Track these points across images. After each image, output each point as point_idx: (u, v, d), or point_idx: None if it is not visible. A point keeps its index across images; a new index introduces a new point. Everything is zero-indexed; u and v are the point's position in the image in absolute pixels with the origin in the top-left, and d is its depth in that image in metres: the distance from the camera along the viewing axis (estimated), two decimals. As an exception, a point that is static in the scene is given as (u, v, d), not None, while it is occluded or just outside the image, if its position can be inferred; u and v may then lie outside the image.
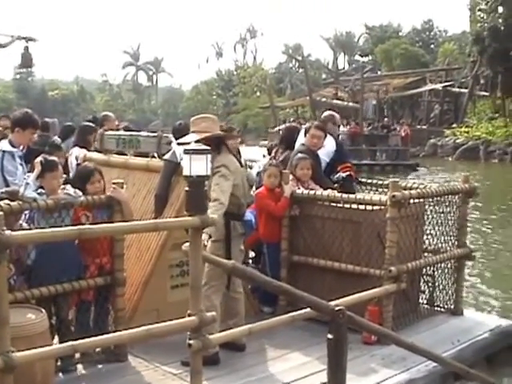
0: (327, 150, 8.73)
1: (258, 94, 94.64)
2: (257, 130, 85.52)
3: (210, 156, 4.69)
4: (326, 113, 9.82)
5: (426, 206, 7.93)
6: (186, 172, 4.67)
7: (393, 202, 6.85)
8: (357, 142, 42.33)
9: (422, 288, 8.31)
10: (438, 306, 8.35)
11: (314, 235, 7.74)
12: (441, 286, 8.31)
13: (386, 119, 53.09)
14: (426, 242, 8.12)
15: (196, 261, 4.70)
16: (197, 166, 4.57)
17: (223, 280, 6.59)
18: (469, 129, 54.71)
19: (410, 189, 7.84)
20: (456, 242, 8.23)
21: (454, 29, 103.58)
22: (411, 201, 7.24)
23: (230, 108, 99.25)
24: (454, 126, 57.57)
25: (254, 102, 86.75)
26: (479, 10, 63.55)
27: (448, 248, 8.16)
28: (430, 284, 8.31)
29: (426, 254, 8.11)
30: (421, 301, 8.30)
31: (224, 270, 5.77)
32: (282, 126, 42.38)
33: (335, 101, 52.12)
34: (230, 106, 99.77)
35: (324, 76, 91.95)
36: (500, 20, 57.66)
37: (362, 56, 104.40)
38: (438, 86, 61.59)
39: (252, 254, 8.98)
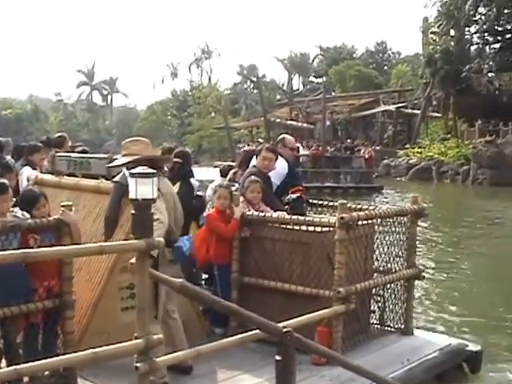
0: (278, 172, 8.78)
1: (213, 114, 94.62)
2: (211, 150, 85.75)
3: (156, 179, 4.70)
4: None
5: (377, 227, 8.02)
6: (131, 195, 4.68)
7: (341, 224, 6.91)
8: (319, 164, 41.88)
9: (373, 308, 8.36)
10: (388, 325, 8.39)
11: (264, 257, 7.77)
12: (391, 306, 8.36)
13: (348, 140, 52.32)
14: (376, 262, 8.19)
15: (143, 283, 4.70)
16: (143, 189, 4.58)
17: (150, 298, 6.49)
18: (421, 149, 55.47)
19: (359, 210, 7.91)
20: (405, 263, 8.30)
21: (407, 51, 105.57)
22: (360, 222, 7.30)
23: (184, 128, 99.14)
24: (407, 146, 58.34)
25: (209, 123, 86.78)
26: (431, 32, 64.73)
27: (398, 268, 8.22)
28: (380, 304, 8.35)
29: (376, 275, 8.16)
30: (371, 321, 8.33)
31: (173, 289, 5.74)
32: (247, 148, 42.47)
33: (289, 121, 52.51)
34: (185, 126, 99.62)
35: (278, 97, 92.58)
36: (452, 43, 58.81)
37: (316, 77, 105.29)
38: (392, 108, 62.38)
39: (204, 275, 8.98)
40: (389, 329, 8.38)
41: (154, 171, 4.91)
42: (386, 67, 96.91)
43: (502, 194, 38.96)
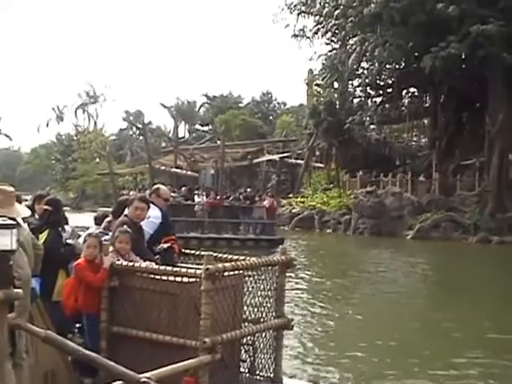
0: (151, 221, 8.86)
1: (98, 160, 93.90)
2: (95, 196, 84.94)
3: (15, 231, 4.70)
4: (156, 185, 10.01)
5: (246, 277, 8.14)
6: (-11, 246, 4.67)
7: (207, 275, 6.99)
8: (215, 214, 39.66)
9: (243, 357, 8.45)
10: (258, 374, 8.44)
11: (133, 306, 7.76)
12: (261, 355, 8.45)
13: (248, 189, 50.67)
14: (248, 312, 8.29)
15: (0, 335, 4.68)
16: (1, 240, 4.58)
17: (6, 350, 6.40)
18: (304, 199, 56.45)
19: (227, 261, 8.03)
20: (274, 313, 8.42)
21: (292, 102, 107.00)
22: (226, 273, 7.39)
23: (68, 173, 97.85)
24: (291, 195, 59.25)
25: (93, 168, 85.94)
26: (316, 84, 66.53)
27: (267, 318, 8.34)
28: (250, 353, 8.45)
29: (246, 324, 8.26)
30: (242, 369, 8.40)
31: (39, 338, 5.68)
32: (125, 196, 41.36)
33: (174, 169, 52.62)
34: (69, 171, 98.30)
35: (164, 144, 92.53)
36: (335, 95, 60.49)
37: (202, 125, 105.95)
38: (276, 157, 63.19)
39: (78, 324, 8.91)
40: (259, 377, 8.45)
41: (14, 222, 4.91)
42: (271, 117, 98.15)
43: (381, 244, 39.98)
